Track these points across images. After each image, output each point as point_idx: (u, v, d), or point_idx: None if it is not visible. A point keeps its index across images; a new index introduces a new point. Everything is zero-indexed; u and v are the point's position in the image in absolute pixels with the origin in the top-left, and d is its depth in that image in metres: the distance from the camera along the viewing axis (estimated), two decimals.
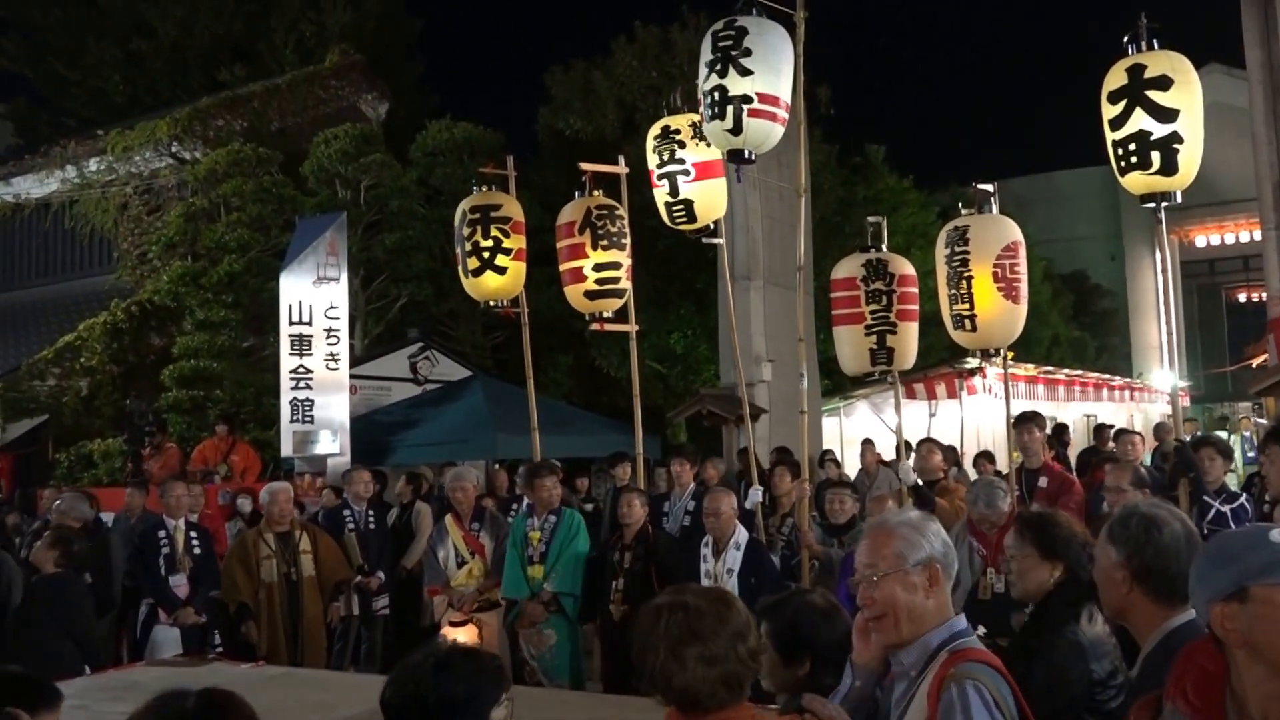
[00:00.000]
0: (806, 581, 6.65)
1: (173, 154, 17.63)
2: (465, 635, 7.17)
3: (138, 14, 24.62)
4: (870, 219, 7.67)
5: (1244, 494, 7.12)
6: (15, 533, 9.71)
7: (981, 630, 5.67)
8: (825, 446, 13.54)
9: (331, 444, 11.91)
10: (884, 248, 7.33)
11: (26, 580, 6.56)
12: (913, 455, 8.02)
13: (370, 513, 9.29)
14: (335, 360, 12.22)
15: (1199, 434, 11.66)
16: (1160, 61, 5.92)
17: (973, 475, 9.67)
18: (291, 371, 11.94)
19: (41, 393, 15.06)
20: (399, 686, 2.41)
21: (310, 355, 12.05)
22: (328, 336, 12.13)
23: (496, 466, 11.69)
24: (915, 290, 7.28)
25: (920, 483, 7.22)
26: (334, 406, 12.10)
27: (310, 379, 11.99)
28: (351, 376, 12.88)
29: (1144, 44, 6.00)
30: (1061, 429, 14.18)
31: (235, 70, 23.25)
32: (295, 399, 11.89)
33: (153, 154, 17.68)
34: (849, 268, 7.30)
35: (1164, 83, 5.88)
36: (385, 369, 15.47)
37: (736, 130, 6.34)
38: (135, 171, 17.85)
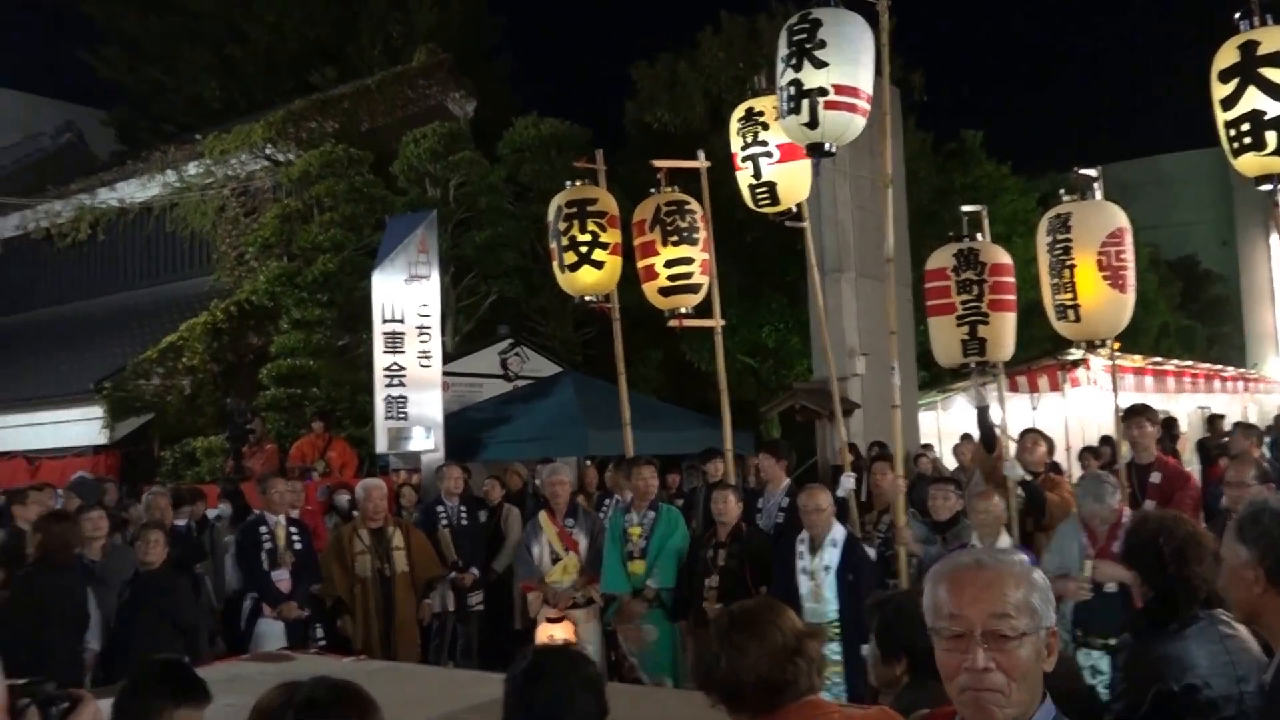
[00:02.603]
0: (904, 579, 6.51)
1: (267, 156, 17.92)
2: (561, 632, 7.16)
3: (231, 20, 25.18)
4: (966, 208, 7.48)
5: None
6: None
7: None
8: (923, 441, 13.34)
9: (425, 440, 11.99)
10: (983, 237, 7.14)
11: (134, 574, 6.72)
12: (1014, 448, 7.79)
13: (463, 508, 9.32)
14: (427, 357, 12.30)
15: None
16: (1274, 37, 5.64)
17: (1077, 471, 9.40)
18: (385, 369, 12.05)
19: (147, 392, 15.40)
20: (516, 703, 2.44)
21: (403, 353, 12.14)
22: (420, 334, 12.22)
23: (588, 463, 11.68)
24: (1011, 280, 7.06)
25: (1027, 477, 7.00)
26: (427, 403, 12.18)
27: (403, 376, 12.09)
28: (444, 373, 12.97)
29: (1256, 19, 5.73)
30: (1170, 422, 13.72)
31: (326, 73, 23.64)
32: (389, 396, 11.99)
33: (248, 157, 17.99)
34: (941, 258, 7.12)
35: (1279, 59, 5.62)
36: (476, 365, 15.56)
37: (813, 124, 6.25)
38: (232, 174, 18.18)
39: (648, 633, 7.00)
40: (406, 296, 12.18)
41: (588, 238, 8.16)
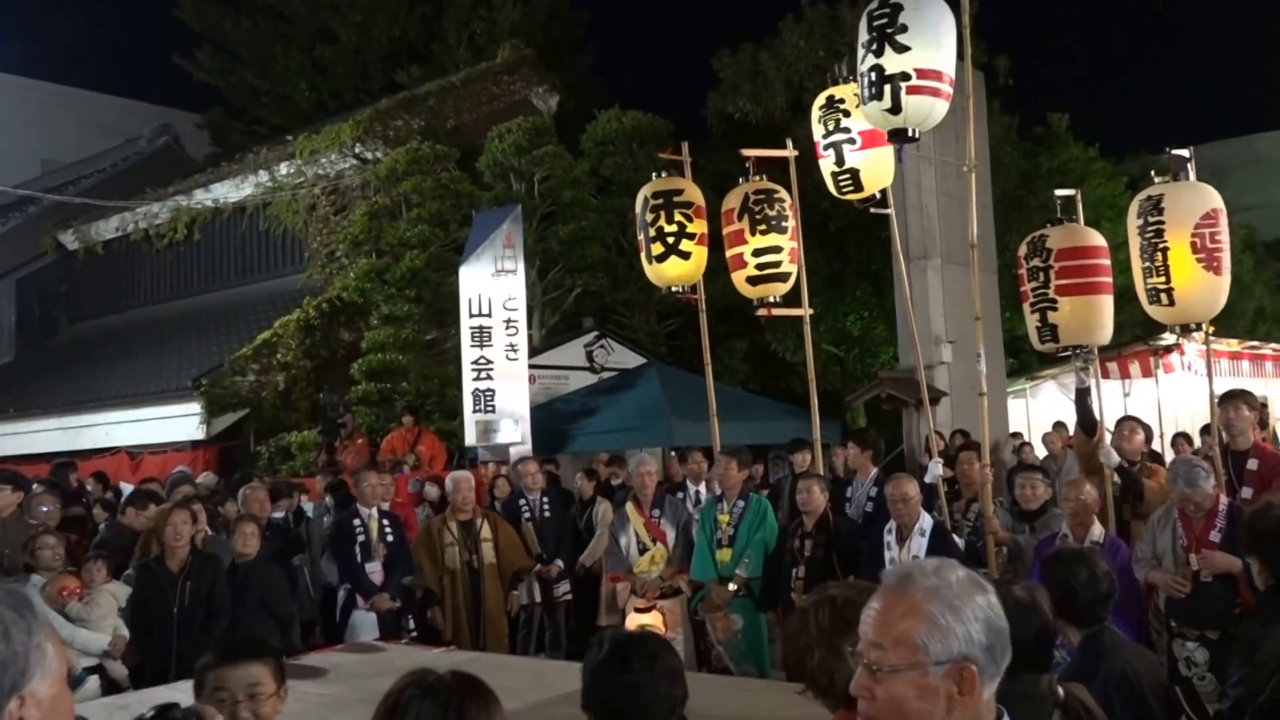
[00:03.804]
0: (993, 569, 6.44)
1: (356, 155, 18.18)
2: (650, 621, 7.21)
3: (321, 22, 25.60)
4: (1058, 192, 7.38)
5: None
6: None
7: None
8: (1012, 429, 13.14)
9: (513, 432, 12.11)
10: (1077, 220, 7.06)
11: (230, 566, 6.90)
12: (1109, 436, 7.66)
13: (545, 500, 9.39)
14: (514, 350, 12.42)
15: None
16: None
17: (1170, 458, 9.19)
18: (473, 362, 12.19)
19: (243, 388, 15.73)
20: (595, 690, 2.52)
21: (490, 346, 12.27)
22: (507, 327, 12.34)
23: (673, 454, 11.71)
24: (1095, 262, 6.94)
25: (1125, 464, 6.88)
26: (514, 396, 12.30)
27: (491, 369, 12.22)
28: (530, 366, 13.08)
29: None
30: (1261, 406, 13.33)
31: (412, 71, 23.95)
32: (477, 389, 12.13)
33: (337, 156, 18.27)
34: (1024, 245, 7.10)
35: None
36: (562, 358, 15.66)
37: (895, 109, 6.17)
38: (322, 173, 18.48)
39: (734, 621, 7.02)
40: (493, 290, 12.31)
41: (674, 229, 8.17)
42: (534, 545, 8.96)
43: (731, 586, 7.10)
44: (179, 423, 15.96)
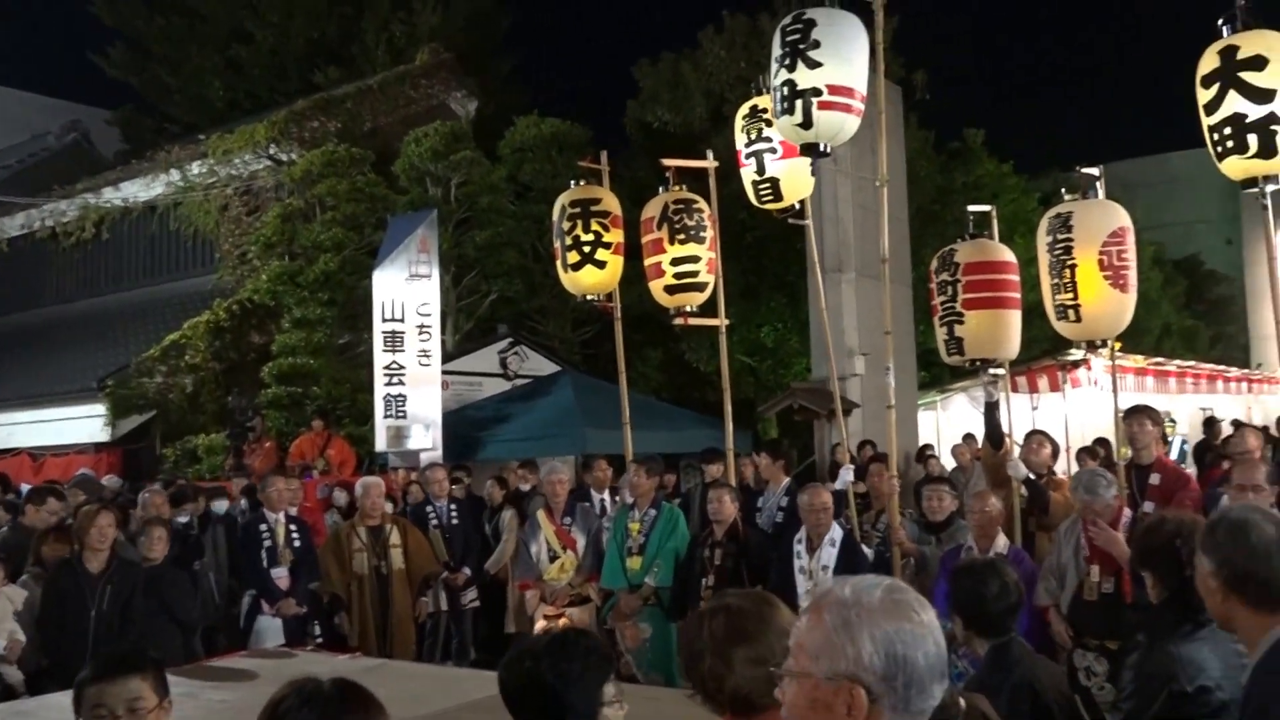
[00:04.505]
0: (899, 579, 6.48)
1: (270, 156, 17.94)
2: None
3: (237, 21, 25.27)
4: (973, 208, 7.50)
5: None
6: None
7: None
8: (923, 441, 13.31)
9: (424, 438, 12.02)
10: (991, 236, 7.20)
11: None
12: (1017, 449, 7.78)
13: (453, 508, 9.35)
14: (427, 356, 12.34)
15: None
16: (1254, 41, 5.63)
17: (1075, 471, 9.37)
18: (385, 367, 12.09)
19: (149, 389, 15.43)
20: (514, 667, 2.51)
21: (403, 351, 12.18)
22: (420, 333, 12.26)
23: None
24: (1003, 278, 7.07)
25: (1031, 476, 6.99)
26: (426, 402, 12.22)
27: (403, 375, 12.13)
28: (443, 372, 12.99)
29: (1238, 25, 5.73)
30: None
31: (329, 72, 23.71)
32: (389, 394, 12.03)
33: (251, 156, 18.02)
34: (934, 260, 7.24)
35: (1259, 63, 5.59)
36: (476, 365, 15.59)
37: (807, 124, 6.23)
38: (235, 174, 18.21)
39: (643, 630, 7.00)
40: (407, 295, 12.21)
41: (591, 238, 8.16)
42: (441, 552, 8.89)
43: (642, 594, 7.08)
44: (83, 424, 15.64)
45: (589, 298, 8.47)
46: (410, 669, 6.46)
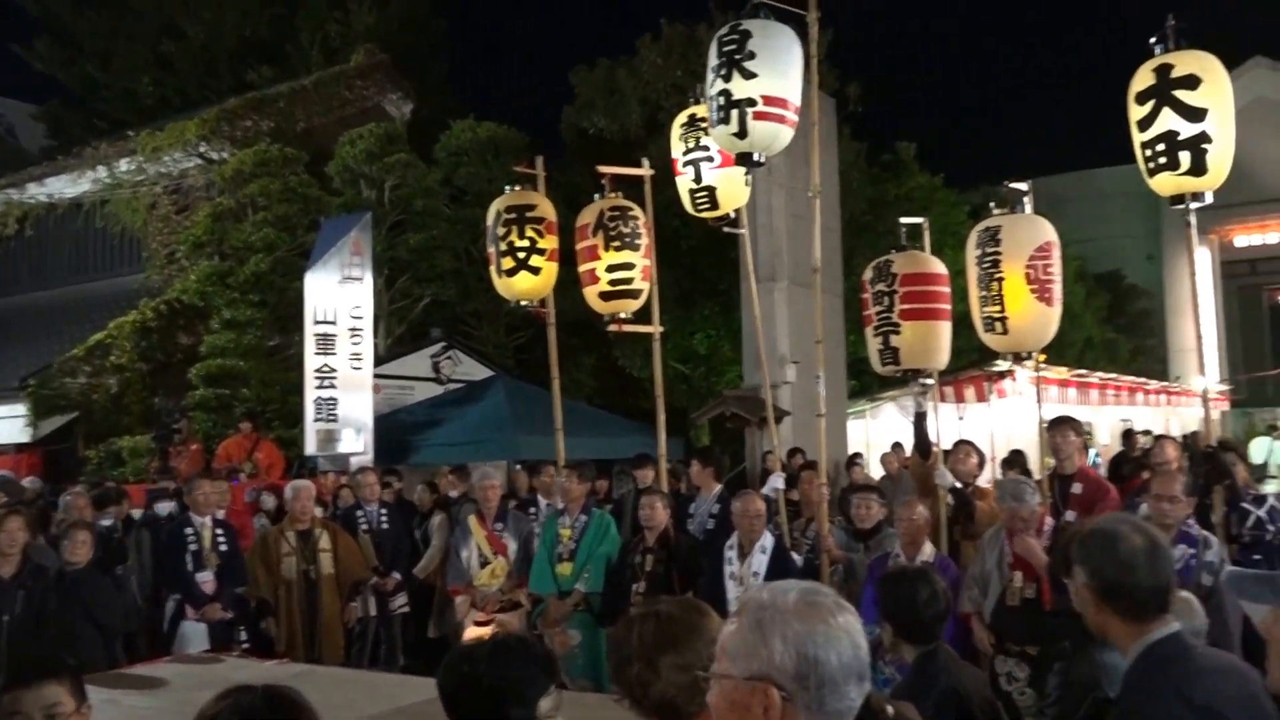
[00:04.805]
0: (825, 586, 6.55)
1: (201, 154, 17.72)
2: (489, 635, 7.13)
3: (167, 17, 24.89)
4: (905, 220, 7.60)
5: (1271, 497, 7.03)
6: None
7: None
8: (852, 450, 13.45)
9: (355, 442, 11.92)
10: (924, 249, 7.31)
11: (58, 574, 6.62)
12: (944, 458, 7.90)
13: (383, 512, 9.28)
14: (359, 359, 12.24)
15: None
16: (1188, 61, 5.83)
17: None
18: (316, 370, 11.98)
19: (72, 390, 15.17)
20: (453, 670, 2.48)
21: (334, 354, 12.08)
22: (352, 336, 12.16)
23: (518, 467, 11.67)
24: (936, 289, 7.18)
25: (958, 485, 7.11)
26: (357, 405, 12.12)
27: (334, 378, 12.03)
28: (375, 376, 12.90)
29: (1171, 44, 5.90)
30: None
31: (262, 71, 23.45)
32: (319, 398, 11.92)
33: (181, 154, 17.78)
34: (869, 270, 7.32)
35: (1192, 82, 5.78)
36: (408, 369, 15.51)
37: (742, 134, 6.28)
38: (164, 172, 17.96)
39: (572, 636, 7.00)
40: (339, 298, 12.11)
41: (526, 243, 8.14)
42: (371, 557, 8.83)
43: (572, 600, 7.08)
44: (3, 424, 15.40)
45: (523, 303, 8.46)
46: (338, 675, 6.40)
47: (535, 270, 8.18)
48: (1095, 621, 2.62)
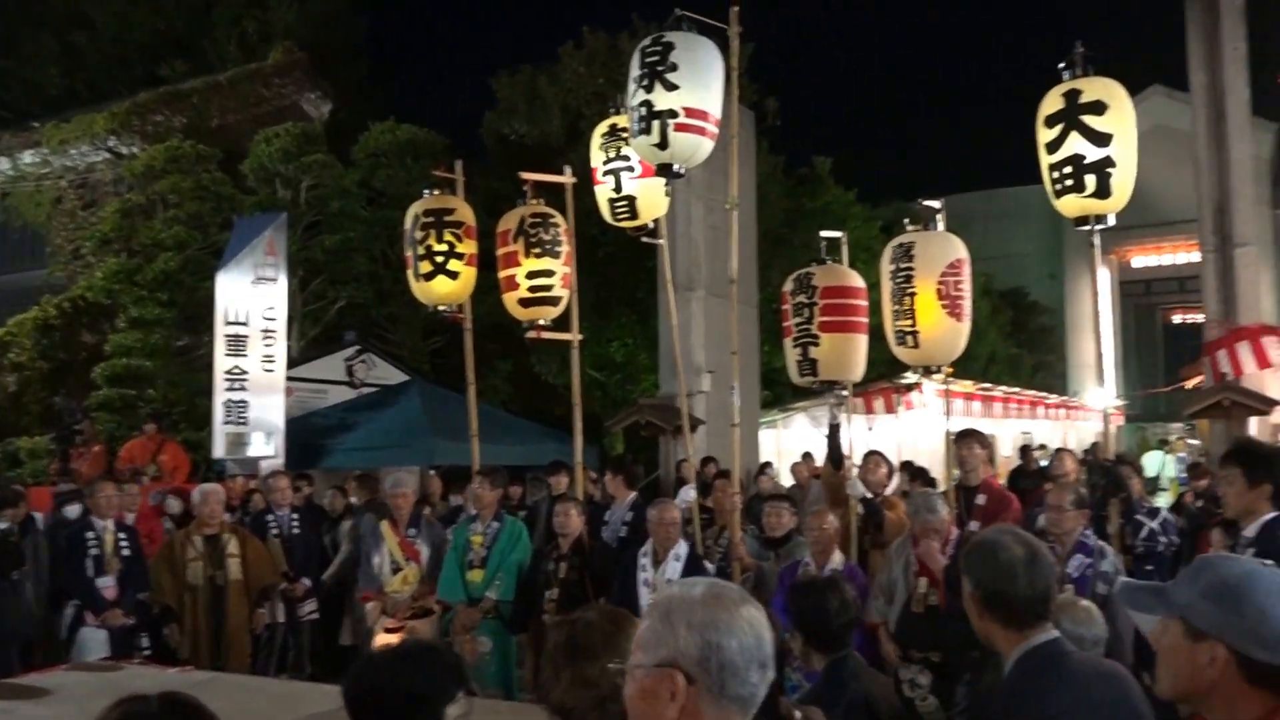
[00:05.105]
0: None
1: (110, 149, 17.36)
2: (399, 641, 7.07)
3: (76, 6, 24.26)
4: (825, 234, 7.71)
5: (1163, 510, 7.27)
6: None
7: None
8: (763, 459, 13.58)
9: (265, 446, 11.75)
10: (842, 262, 7.43)
11: None
12: (855, 468, 8.02)
13: (294, 517, 9.14)
14: (271, 362, 12.08)
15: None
16: (1095, 87, 6.01)
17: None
18: (226, 372, 11.79)
19: None
20: (359, 678, 2.45)
21: (245, 356, 11.91)
22: (264, 337, 12.00)
23: (432, 473, 11.60)
24: (854, 303, 7.31)
25: (869, 495, 7.23)
26: (269, 408, 11.95)
27: (245, 380, 11.85)
28: (287, 378, 12.73)
29: (1079, 70, 6.08)
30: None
31: (176, 66, 22.97)
32: (229, 400, 11.74)
33: (89, 148, 17.42)
34: (788, 282, 7.41)
35: (1099, 108, 5.97)
36: (321, 371, 15.32)
37: (663, 145, 6.34)
38: (70, 165, 17.59)
39: (482, 644, 6.97)
40: (252, 299, 11.94)
41: (444, 248, 8.10)
42: (281, 562, 8.70)
43: (482, 607, 7.06)
44: None
45: (440, 308, 8.41)
46: (244, 682, 6.30)
47: (453, 275, 8.14)
48: (979, 628, 2.72)
